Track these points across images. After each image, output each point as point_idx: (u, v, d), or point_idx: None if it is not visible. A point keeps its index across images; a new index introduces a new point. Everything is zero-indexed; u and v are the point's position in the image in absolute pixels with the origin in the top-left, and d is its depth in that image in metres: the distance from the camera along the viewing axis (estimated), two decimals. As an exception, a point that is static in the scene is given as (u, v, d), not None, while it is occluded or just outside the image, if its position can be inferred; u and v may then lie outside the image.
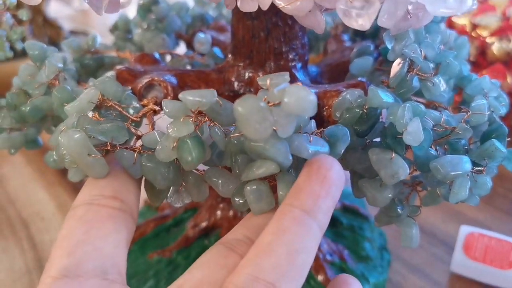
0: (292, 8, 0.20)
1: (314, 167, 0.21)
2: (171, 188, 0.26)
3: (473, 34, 0.69)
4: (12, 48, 0.47)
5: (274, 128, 0.20)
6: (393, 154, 0.24)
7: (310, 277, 0.39)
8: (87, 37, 0.40)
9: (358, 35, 0.46)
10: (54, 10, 1.08)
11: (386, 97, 0.26)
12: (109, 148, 0.24)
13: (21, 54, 0.56)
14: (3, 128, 0.32)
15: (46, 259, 0.45)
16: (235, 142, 0.23)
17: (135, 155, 0.24)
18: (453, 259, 0.43)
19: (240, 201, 0.24)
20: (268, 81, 0.21)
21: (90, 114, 0.26)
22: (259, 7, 0.23)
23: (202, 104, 0.22)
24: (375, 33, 0.46)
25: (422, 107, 0.25)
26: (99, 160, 0.23)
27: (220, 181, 0.25)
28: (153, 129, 0.28)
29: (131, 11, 0.46)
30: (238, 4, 0.23)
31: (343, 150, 0.24)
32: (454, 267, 0.43)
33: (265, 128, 0.19)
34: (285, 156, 0.21)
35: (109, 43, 0.46)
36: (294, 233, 0.20)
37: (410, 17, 0.23)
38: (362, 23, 0.19)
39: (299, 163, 0.23)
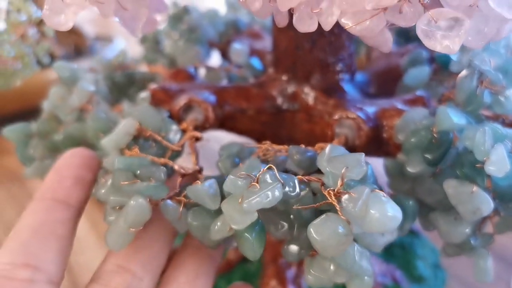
0: (361, 29, 0.18)
1: None
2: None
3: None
4: (38, 62, 0.45)
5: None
6: (474, 187, 0.21)
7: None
8: (116, 49, 0.38)
9: (402, 37, 0.43)
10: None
11: (458, 118, 0.23)
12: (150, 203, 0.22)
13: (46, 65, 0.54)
14: (35, 157, 0.30)
15: (81, 284, 0.43)
16: (300, 215, 0.21)
17: (180, 208, 0.22)
18: (514, 277, 0.40)
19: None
20: (343, 171, 0.19)
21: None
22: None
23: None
24: (422, 34, 0.43)
25: (502, 129, 0.22)
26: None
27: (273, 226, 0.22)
28: (196, 159, 0.26)
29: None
30: (294, 24, 0.20)
31: (409, 228, 0.22)
32: (515, 285, 0.40)
33: (342, 250, 0.18)
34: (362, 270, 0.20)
35: (134, 47, 0.44)
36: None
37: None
38: (449, 45, 0.16)
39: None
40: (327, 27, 0.19)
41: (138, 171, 0.23)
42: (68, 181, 0.24)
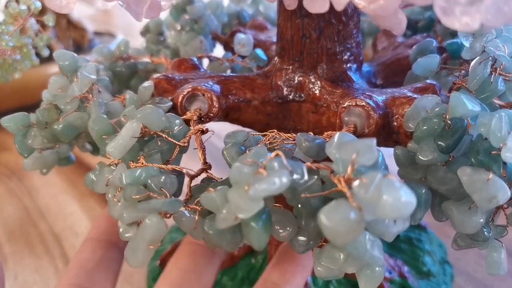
0: (376, 8, 0.17)
1: None
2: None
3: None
4: (37, 54, 0.44)
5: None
6: (490, 175, 0.20)
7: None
8: (118, 41, 0.38)
9: (409, 28, 0.42)
10: (76, 10, 1.06)
11: (472, 104, 0.22)
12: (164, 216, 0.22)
13: (47, 59, 0.54)
14: (34, 148, 0.29)
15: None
16: (309, 203, 0.20)
17: (196, 218, 0.21)
18: (523, 272, 0.39)
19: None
20: (353, 156, 0.18)
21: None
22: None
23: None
24: (429, 25, 0.42)
25: (518, 115, 0.22)
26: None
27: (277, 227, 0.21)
28: (203, 152, 0.25)
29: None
30: (305, 5, 0.19)
31: (422, 217, 0.21)
32: (524, 281, 0.39)
33: (353, 237, 0.17)
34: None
35: (136, 43, 0.43)
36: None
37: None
38: (468, 22, 0.15)
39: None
40: (339, 7, 0.18)
41: (149, 181, 0.23)
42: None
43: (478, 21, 0.15)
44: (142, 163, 0.23)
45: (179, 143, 0.25)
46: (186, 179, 0.25)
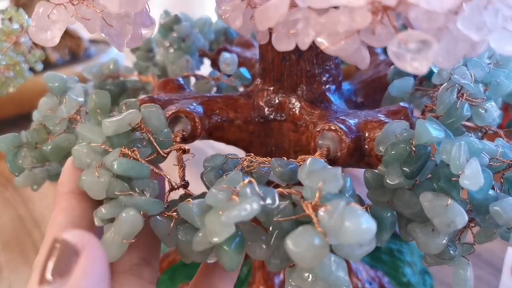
0: (337, 49, 0.18)
1: None
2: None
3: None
4: (31, 68, 0.46)
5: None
6: (449, 201, 0.21)
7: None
8: (108, 59, 0.39)
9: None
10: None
11: (436, 131, 0.23)
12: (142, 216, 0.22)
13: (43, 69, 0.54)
14: (25, 167, 0.30)
15: None
16: (281, 226, 0.21)
17: (172, 225, 0.22)
18: (501, 283, 0.41)
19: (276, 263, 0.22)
20: (320, 184, 0.19)
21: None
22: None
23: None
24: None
25: (478, 142, 0.23)
26: None
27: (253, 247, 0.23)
28: (183, 171, 0.26)
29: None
30: (273, 43, 0.21)
31: (388, 239, 0.23)
32: (502, 292, 0.41)
33: (319, 261, 0.18)
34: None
35: (132, 55, 0.44)
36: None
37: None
38: (418, 67, 0.17)
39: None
40: (303, 47, 0.19)
41: (134, 181, 0.23)
42: None
43: (427, 66, 0.17)
44: (136, 155, 0.24)
45: (161, 151, 0.26)
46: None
